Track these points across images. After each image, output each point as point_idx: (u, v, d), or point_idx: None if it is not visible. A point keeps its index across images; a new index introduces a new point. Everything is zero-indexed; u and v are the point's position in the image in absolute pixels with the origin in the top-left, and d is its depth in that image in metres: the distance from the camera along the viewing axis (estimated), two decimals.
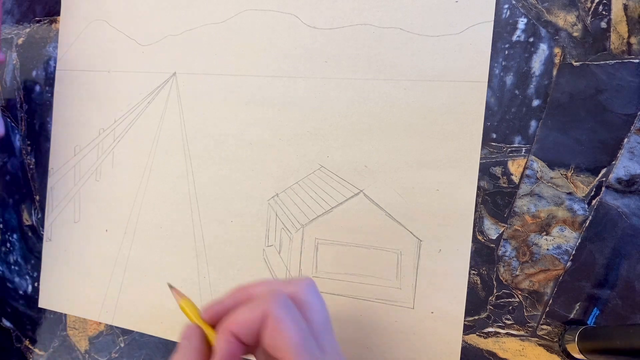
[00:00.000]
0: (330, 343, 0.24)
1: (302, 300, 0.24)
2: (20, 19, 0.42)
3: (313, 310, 0.24)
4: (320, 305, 0.25)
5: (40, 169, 0.41)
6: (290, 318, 0.23)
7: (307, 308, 0.24)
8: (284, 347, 0.22)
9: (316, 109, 0.32)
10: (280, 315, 0.23)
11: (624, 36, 0.27)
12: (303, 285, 0.25)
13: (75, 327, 0.40)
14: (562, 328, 0.28)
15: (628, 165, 0.27)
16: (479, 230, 0.29)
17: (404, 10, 0.30)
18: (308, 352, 0.23)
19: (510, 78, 0.29)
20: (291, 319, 0.23)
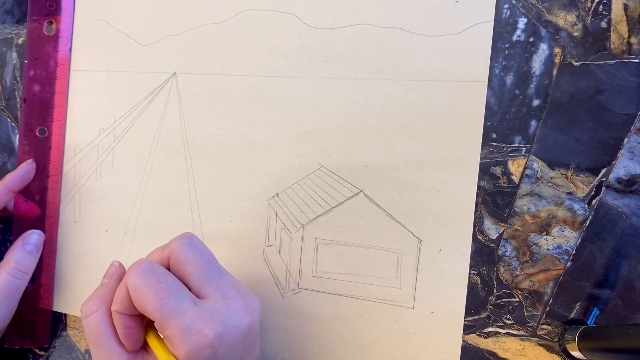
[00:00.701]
0: (215, 287, 0.26)
1: (176, 258, 0.26)
2: (21, 18, 0.42)
3: (188, 264, 0.26)
4: (195, 257, 0.27)
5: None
6: (146, 283, 0.25)
7: (182, 263, 0.26)
8: (149, 311, 0.24)
9: (316, 109, 0.32)
10: (137, 284, 0.25)
11: (624, 36, 0.27)
12: (176, 244, 0.27)
13: (76, 326, 0.40)
14: (562, 328, 0.28)
15: (628, 165, 0.27)
16: (479, 230, 0.29)
17: (404, 11, 0.30)
18: (172, 309, 0.24)
19: (511, 78, 0.29)
20: (147, 283, 0.25)
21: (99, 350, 0.26)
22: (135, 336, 0.26)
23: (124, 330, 0.26)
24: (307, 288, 0.33)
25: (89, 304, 0.27)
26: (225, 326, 0.25)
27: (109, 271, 0.30)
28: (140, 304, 0.25)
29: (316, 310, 0.32)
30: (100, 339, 0.26)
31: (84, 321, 0.27)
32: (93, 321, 0.27)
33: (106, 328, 0.26)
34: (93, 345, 0.27)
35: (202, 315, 0.24)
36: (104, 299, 0.27)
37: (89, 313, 0.27)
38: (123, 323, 0.26)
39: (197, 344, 0.24)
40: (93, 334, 0.26)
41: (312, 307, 0.33)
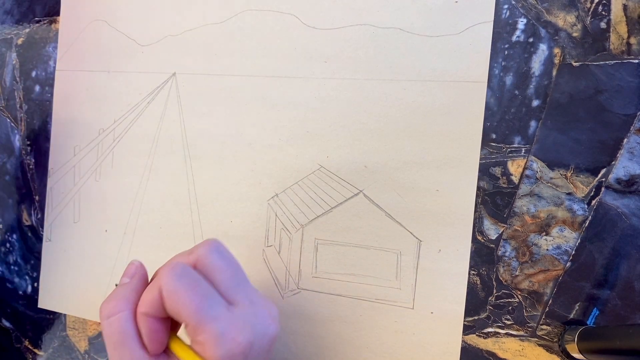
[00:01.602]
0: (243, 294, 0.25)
1: (204, 264, 0.26)
2: (20, 19, 0.42)
3: (216, 271, 0.25)
4: (224, 263, 0.26)
5: (40, 169, 0.41)
6: (182, 287, 0.24)
7: (210, 270, 0.26)
8: (183, 315, 0.24)
9: (316, 109, 0.32)
10: (172, 287, 0.24)
11: (623, 36, 0.27)
12: (203, 250, 0.26)
13: (75, 327, 0.40)
14: (561, 328, 0.28)
15: (627, 166, 0.27)
16: (479, 230, 0.29)
17: (403, 11, 0.30)
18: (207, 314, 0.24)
19: (510, 78, 0.29)
20: (183, 287, 0.24)
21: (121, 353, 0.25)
22: (160, 340, 0.26)
23: (150, 333, 0.25)
24: (306, 288, 0.33)
25: (112, 304, 0.26)
26: (255, 333, 0.25)
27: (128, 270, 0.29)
28: (174, 307, 0.24)
29: (316, 311, 0.32)
30: (124, 341, 0.25)
31: (105, 322, 0.26)
32: (116, 322, 0.25)
33: (130, 330, 0.25)
34: (114, 347, 0.25)
35: (235, 321, 0.24)
36: (128, 299, 0.26)
37: (111, 313, 0.25)
38: (149, 326, 0.25)
39: (231, 351, 0.23)
40: (115, 336, 0.25)
41: (311, 307, 0.33)
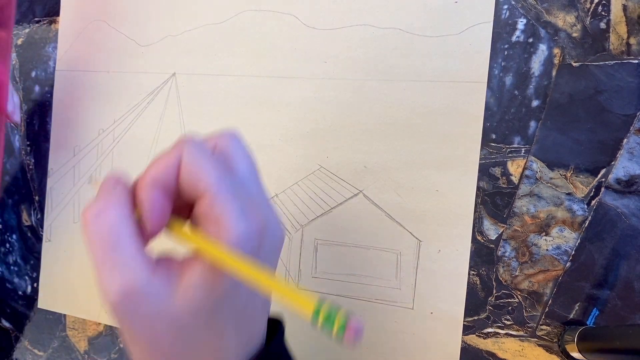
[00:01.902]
0: (257, 191, 0.23)
1: (223, 152, 0.23)
2: (20, 19, 0.42)
3: (235, 160, 0.23)
4: (244, 154, 0.24)
5: (40, 169, 0.41)
6: (205, 156, 0.21)
7: (229, 158, 0.23)
8: (202, 183, 0.21)
9: (316, 109, 0.32)
10: (194, 155, 0.21)
11: (623, 37, 0.27)
12: (224, 137, 0.24)
13: (75, 327, 0.40)
14: (561, 328, 0.28)
15: (627, 166, 0.27)
16: (479, 230, 0.29)
17: (403, 11, 0.30)
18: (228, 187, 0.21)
19: (510, 78, 0.29)
20: (206, 157, 0.22)
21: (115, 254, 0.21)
22: (161, 216, 0.22)
23: (154, 204, 0.22)
24: (306, 288, 0.33)
25: (98, 203, 0.21)
26: (269, 225, 0.22)
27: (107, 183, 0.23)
28: (194, 175, 0.21)
29: None
30: (118, 239, 0.21)
31: (92, 221, 0.21)
32: (108, 218, 0.21)
33: (125, 225, 0.21)
34: (104, 249, 0.21)
35: (253, 202, 0.22)
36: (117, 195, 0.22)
37: (99, 210, 0.21)
38: (154, 198, 0.21)
39: (250, 228, 0.21)
40: (107, 235, 0.21)
41: None
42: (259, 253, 0.21)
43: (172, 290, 0.21)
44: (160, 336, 0.22)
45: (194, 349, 0.22)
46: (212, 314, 0.22)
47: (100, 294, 0.21)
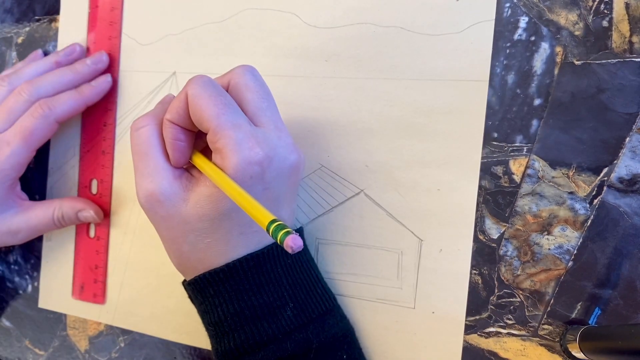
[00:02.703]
0: (270, 118, 0.26)
1: (236, 82, 0.27)
2: (20, 17, 0.42)
3: (247, 90, 0.26)
4: (256, 84, 0.27)
5: (40, 169, 0.41)
6: (206, 92, 0.25)
7: (240, 88, 0.26)
8: (204, 118, 0.24)
9: (316, 109, 0.32)
10: (196, 91, 0.25)
11: (625, 35, 0.27)
12: (237, 70, 0.27)
13: (75, 327, 0.40)
14: (563, 328, 0.28)
15: (630, 165, 0.27)
16: (480, 229, 0.29)
17: (404, 10, 0.30)
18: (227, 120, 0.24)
19: (512, 77, 0.29)
20: (207, 93, 0.25)
21: (145, 163, 0.26)
22: (182, 150, 0.26)
23: (173, 142, 0.26)
24: None
25: (141, 119, 0.27)
26: (276, 152, 0.25)
27: (163, 99, 0.29)
28: (197, 111, 0.25)
29: None
30: (148, 151, 0.26)
31: (133, 134, 0.27)
32: (143, 133, 0.26)
33: (155, 140, 0.26)
34: (139, 157, 0.26)
35: (255, 135, 0.25)
36: (157, 116, 0.27)
37: (140, 126, 0.27)
38: (173, 134, 0.26)
39: (248, 158, 0.24)
40: (141, 146, 0.26)
41: None
42: (263, 178, 0.25)
43: (186, 197, 0.26)
44: (175, 235, 0.26)
45: (202, 250, 0.26)
46: (217, 222, 0.25)
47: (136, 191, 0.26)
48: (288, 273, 0.27)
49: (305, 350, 0.26)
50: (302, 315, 0.27)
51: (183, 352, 0.36)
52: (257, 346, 0.26)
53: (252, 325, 0.26)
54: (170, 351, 0.37)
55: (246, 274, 0.26)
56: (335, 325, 0.28)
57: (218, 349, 0.27)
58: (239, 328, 0.26)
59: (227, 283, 0.26)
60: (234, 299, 0.26)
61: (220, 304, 0.26)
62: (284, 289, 0.27)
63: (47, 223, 0.36)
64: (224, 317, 0.26)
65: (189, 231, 0.26)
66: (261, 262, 0.26)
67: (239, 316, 0.26)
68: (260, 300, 0.26)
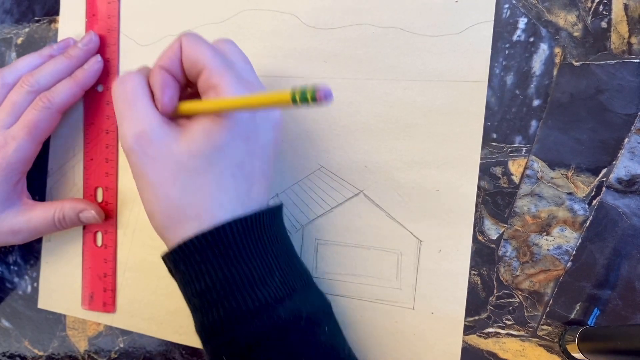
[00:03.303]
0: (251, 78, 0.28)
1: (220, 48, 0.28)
2: (20, 18, 0.42)
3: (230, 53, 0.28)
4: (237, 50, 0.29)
5: (40, 169, 0.41)
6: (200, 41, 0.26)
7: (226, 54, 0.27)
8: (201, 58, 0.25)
9: (316, 109, 0.32)
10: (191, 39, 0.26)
11: (624, 36, 0.27)
12: (221, 41, 0.29)
13: (75, 327, 0.40)
14: (562, 328, 0.28)
15: (629, 165, 0.27)
16: (479, 230, 0.29)
17: (404, 10, 0.30)
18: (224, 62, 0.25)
19: (511, 78, 0.29)
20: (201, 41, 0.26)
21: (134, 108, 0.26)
22: (171, 96, 0.26)
23: (163, 86, 0.26)
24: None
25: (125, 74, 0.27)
26: None
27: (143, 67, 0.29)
28: (192, 54, 0.25)
29: None
30: (136, 97, 0.26)
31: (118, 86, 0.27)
32: (129, 83, 0.26)
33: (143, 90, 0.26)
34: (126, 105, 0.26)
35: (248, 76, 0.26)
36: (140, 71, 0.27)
37: (125, 79, 0.27)
38: (164, 79, 0.26)
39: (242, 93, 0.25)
40: (128, 94, 0.26)
41: None
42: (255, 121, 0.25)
43: (177, 136, 0.25)
44: (164, 177, 0.25)
45: (192, 193, 0.25)
46: (210, 159, 0.25)
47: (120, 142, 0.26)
48: (272, 243, 0.26)
49: (296, 318, 0.25)
50: (288, 284, 0.26)
51: (183, 352, 0.36)
52: (251, 314, 0.24)
53: (244, 291, 0.24)
54: (170, 351, 0.37)
55: (235, 239, 0.25)
56: (319, 297, 0.28)
57: (204, 322, 0.25)
58: (228, 295, 0.24)
59: (216, 247, 0.24)
60: (222, 264, 0.24)
61: (208, 270, 0.24)
62: (271, 257, 0.26)
63: (48, 224, 0.36)
64: (212, 285, 0.24)
65: (180, 171, 0.25)
66: (250, 226, 0.25)
67: (228, 283, 0.24)
68: (250, 267, 0.25)
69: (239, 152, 0.25)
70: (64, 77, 0.35)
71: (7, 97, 0.34)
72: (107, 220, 0.38)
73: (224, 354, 0.25)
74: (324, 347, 0.25)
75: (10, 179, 0.34)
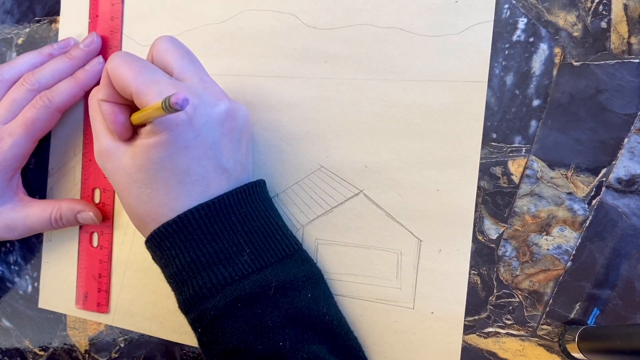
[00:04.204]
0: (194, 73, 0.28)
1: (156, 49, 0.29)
2: (20, 18, 0.42)
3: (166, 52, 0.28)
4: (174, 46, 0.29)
5: (40, 169, 0.41)
6: (122, 61, 0.27)
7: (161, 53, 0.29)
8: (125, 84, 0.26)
9: (316, 109, 0.32)
10: (114, 64, 0.27)
11: (624, 36, 0.27)
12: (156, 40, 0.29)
13: (75, 327, 0.40)
14: (562, 328, 0.28)
15: (628, 165, 0.27)
16: (479, 230, 0.29)
17: (403, 11, 0.30)
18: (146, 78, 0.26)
19: (511, 78, 0.29)
20: (123, 61, 0.27)
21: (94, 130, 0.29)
22: (120, 122, 0.28)
23: (110, 117, 0.28)
24: None
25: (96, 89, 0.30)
26: (201, 100, 0.27)
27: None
28: (118, 80, 0.27)
29: None
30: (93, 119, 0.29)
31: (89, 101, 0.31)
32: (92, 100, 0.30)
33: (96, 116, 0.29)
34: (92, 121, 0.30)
35: (176, 85, 0.26)
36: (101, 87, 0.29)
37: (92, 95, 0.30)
38: (110, 111, 0.28)
39: None
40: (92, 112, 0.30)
41: None
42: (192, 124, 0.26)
43: (127, 151, 0.28)
44: (122, 188, 0.28)
45: (145, 202, 0.28)
46: (153, 172, 0.27)
47: None
48: (243, 221, 0.28)
49: (264, 288, 0.27)
50: (260, 259, 0.28)
51: (183, 352, 0.36)
52: (215, 289, 0.27)
53: (209, 270, 0.27)
54: (170, 351, 0.37)
55: (198, 223, 0.27)
56: (296, 267, 0.29)
57: (180, 299, 0.29)
58: (196, 274, 0.27)
59: (182, 234, 0.27)
60: (189, 248, 0.27)
61: (177, 255, 0.28)
62: (240, 236, 0.28)
63: (44, 223, 0.36)
64: (181, 267, 0.27)
65: (132, 183, 0.28)
66: (213, 211, 0.27)
67: (195, 264, 0.27)
68: (216, 247, 0.27)
69: (181, 161, 0.27)
70: (65, 77, 0.36)
71: (7, 94, 0.35)
72: (103, 222, 0.38)
73: (197, 328, 0.28)
74: (299, 312, 0.27)
75: (5, 174, 0.35)
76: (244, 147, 0.30)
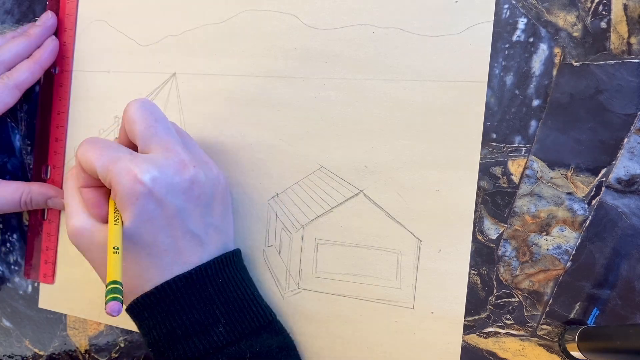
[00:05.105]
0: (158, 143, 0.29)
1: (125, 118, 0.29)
2: (20, 18, 0.42)
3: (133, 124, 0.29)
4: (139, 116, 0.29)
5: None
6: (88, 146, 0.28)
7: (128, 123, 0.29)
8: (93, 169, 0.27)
9: (316, 109, 0.32)
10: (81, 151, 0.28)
11: (624, 36, 0.27)
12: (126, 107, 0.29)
13: (75, 327, 0.40)
14: (562, 328, 0.28)
15: (628, 165, 0.27)
16: (479, 230, 0.29)
17: (403, 11, 0.30)
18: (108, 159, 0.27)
19: (510, 78, 0.29)
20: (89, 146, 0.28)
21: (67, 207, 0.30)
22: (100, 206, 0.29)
23: (88, 201, 0.29)
24: (307, 288, 0.33)
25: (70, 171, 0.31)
26: (161, 171, 0.27)
27: None
28: (85, 165, 0.28)
29: (316, 311, 0.32)
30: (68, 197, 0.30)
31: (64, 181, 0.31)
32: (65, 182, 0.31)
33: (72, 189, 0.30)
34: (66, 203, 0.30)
35: (136, 161, 0.27)
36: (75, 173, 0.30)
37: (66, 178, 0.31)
38: (86, 196, 0.29)
39: (128, 181, 0.26)
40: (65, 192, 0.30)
41: (312, 307, 0.33)
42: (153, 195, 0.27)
43: (100, 229, 0.29)
44: (98, 263, 0.29)
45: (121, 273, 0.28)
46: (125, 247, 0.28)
47: None
48: (220, 292, 0.29)
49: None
50: (235, 331, 0.28)
51: None
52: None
53: (184, 342, 0.28)
54: None
55: (175, 295, 0.28)
56: (270, 338, 0.30)
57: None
58: (172, 347, 0.28)
59: (159, 305, 0.28)
60: (165, 319, 0.28)
61: (155, 325, 0.28)
62: (216, 307, 0.28)
63: (13, 204, 0.38)
64: (158, 338, 0.28)
65: (104, 259, 0.28)
66: (190, 282, 0.28)
67: (171, 335, 0.28)
68: (192, 319, 0.28)
69: (145, 236, 0.28)
70: (24, 56, 0.38)
71: None
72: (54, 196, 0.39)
73: None
74: None
75: None
76: (217, 210, 0.30)
